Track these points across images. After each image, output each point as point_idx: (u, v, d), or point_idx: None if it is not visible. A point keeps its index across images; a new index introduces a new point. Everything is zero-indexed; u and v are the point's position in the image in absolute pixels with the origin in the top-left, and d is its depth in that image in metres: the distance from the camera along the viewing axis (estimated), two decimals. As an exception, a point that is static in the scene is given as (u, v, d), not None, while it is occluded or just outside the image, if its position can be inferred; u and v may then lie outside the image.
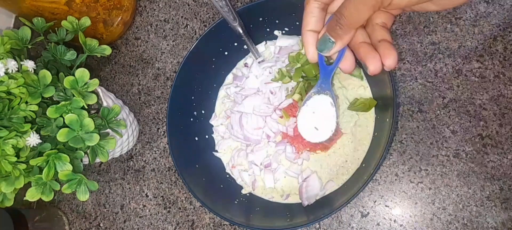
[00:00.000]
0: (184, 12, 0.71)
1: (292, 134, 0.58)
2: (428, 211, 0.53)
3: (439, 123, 0.55)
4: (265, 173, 0.58)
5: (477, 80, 0.55)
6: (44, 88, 0.50)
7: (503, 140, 0.52)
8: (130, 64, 0.72)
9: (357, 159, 0.56)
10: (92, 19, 0.62)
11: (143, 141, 0.68)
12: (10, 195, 0.49)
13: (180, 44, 0.70)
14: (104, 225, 0.66)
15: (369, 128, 0.56)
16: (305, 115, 0.48)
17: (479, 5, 0.57)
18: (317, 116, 0.48)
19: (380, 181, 0.55)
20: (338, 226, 0.56)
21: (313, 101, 0.47)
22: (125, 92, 0.71)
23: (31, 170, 0.49)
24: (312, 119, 0.48)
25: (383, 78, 0.53)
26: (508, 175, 0.51)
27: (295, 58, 0.60)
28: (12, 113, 0.47)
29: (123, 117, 0.60)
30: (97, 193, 0.68)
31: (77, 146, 0.49)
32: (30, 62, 0.50)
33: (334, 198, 0.54)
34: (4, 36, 0.53)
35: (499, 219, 0.51)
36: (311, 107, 0.48)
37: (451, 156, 0.54)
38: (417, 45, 0.58)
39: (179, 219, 0.63)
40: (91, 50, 0.58)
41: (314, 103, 0.47)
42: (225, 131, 0.63)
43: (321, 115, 0.48)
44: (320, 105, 0.47)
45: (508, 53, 0.54)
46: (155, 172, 0.66)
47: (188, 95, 0.62)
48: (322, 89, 0.46)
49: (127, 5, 0.70)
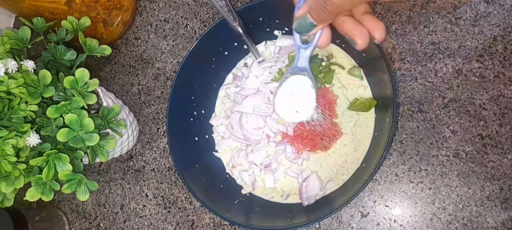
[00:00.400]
0: (184, 12, 0.71)
1: (292, 134, 0.58)
2: (428, 211, 0.53)
3: (439, 123, 0.55)
4: (265, 173, 0.58)
5: (477, 80, 0.55)
6: (44, 88, 0.50)
7: (503, 140, 0.52)
8: (130, 64, 0.72)
9: (357, 159, 0.56)
10: (92, 19, 0.62)
11: (143, 141, 0.68)
12: (10, 195, 0.49)
13: (180, 44, 0.70)
14: (104, 225, 0.66)
15: (369, 128, 0.56)
16: (283, 96, 0.47)
17: (479, 5, 0.57)
18: (295, 97, 0.47)
19: (380, 181, 0.55)
20: (338, 226, 0.56)
21: (290, 82, 0.46)
22: (125, 92, 0.71)
23: (31, 170, 0.49)
24: (290, 100, 0.47)
25: (383, 78, 0.53)
26: (508, 175, 0.51)
27: (295, 58, 0.60)
28: (12, 113, 0.47)
29: (123, 116, 0.60)
30: (97, 193, 0.68)
31: (77, 146, 0.49)
32: (30, 62, 0.50)
33: (334, 198, 0.54)
34: (4, 36, 0.53)
35: (499, 219, 0.51)
36: (288, 88, 0.46)
37: (451, 156, 0.54)
38: (417, 45, 0.58)
39: (179, 219, 0.63)
40: (91, 50, 0.58)
41: (291, 84, 0.46)
42: (225, 131, 0.63)
43: (299, 96, 0.47)
44: (297, 86, 0.46)
45: (508, 53, 0.54)
46: (155, 172, 0.66)
47: (188, 95, 0.62)
48: (299, 70, 0.45)
49: (127, 5, 0.70)
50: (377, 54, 0.52)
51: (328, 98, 0.58)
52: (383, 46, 0.59)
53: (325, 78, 0.58)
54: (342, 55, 0.60)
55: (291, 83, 0.46)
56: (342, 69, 0.59)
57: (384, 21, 0.59)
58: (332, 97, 0.58)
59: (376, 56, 0.53)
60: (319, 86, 0.59)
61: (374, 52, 0.53)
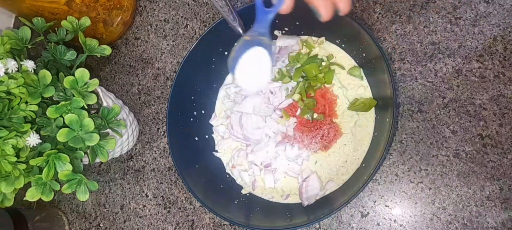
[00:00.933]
0: (184, 12, 0.71)
1: (292, 134, 0.58)
2: (428, 211, 0.53)
3: (439, 123, 0.55)
4: (265, 173, 0.58)
5: (477, 80, 0.55)
6: (44, 88, 0.50)
7: (503, 140, 0.52)
8: (130, 64, 0.72)
9: (357, 159, 0.56)
10: (92, 19, 0.62)
11: (143, 141, 0.68)
12: (10, 195, 0.49)
13: (180, 44, 0.70)
14: (104, 225, 0.66)
15: (369, 128, 0.56)
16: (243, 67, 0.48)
17: (479, 5, 0.57)
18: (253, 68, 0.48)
19: (380, 181, 0.55)
20: (338, 226, 0.56)
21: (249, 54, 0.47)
22: (125, 92, 0.71)
23: (31, 170, 0.49)
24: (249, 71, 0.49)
25: (383, 78, 0.53)
26: (508, 175, 0.51)
27: (295, 58, 0.60)
28: (12, 114, 0.47)
29: (123, 116, 0.60)
30: (97, 193, 0.68)
31: (77, 146, 0.48)
32: (30, 62, 0.50)
33: (334, 198, 0.54)
34: (4, 36, 0.53)
35: (499, 219, 0.51)
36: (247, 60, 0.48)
37: (451, 156, 0.54)
38: (417, 45, 0.58)
39: (179, 219, 0.63)
40: (91, 50, 0.58)
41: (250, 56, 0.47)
42: (225, 131, 0.63)
43: (258, 66, 0.48)
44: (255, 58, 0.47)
45: (508, 53, 0.54)
46: (155, 172, 0.66)
47: (188, 95, 0.62)
48: (258, 34, 0.45)
49: (127, 5, 0.70)
50: (377, 54, 0.52)
51: (328, 98, 0.58)
52: (383, 46, 0.59)
53: (325, 78, 0.58)
54: (342, 55, 0.60)
55: (250, 55, 0.47)
56: (342, 69, 0.59)
57: (384, 21, 0.59)
58: (332, 97, 0.58)
59: (376, 56, 0.53)
60: (319, 86, 0.59)
61: (374, 52, 0.53)
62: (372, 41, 0.52)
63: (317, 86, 0.58)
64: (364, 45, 0.55)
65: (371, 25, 0.60)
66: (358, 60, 0.58)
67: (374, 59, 0.54)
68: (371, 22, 0.60)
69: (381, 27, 0.60)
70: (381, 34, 0.59)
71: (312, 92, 0.58)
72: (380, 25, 0.60)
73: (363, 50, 0.56)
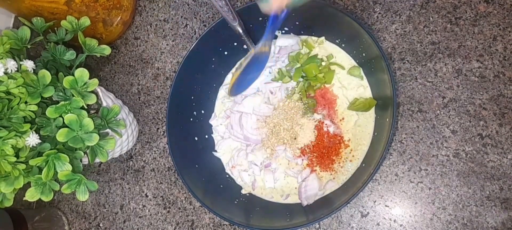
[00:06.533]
0: (184, 12, 0.71)
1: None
2: (428, 211, 0.53)
3: (439, 122, 0.55)
4: (265, 173, 0.58)
5: (477, 80, 0.55)
6: (44, 88, 0.50)
7: (503, 140, 0.52)
8: (130, 64, 0.72)
9: (357, 158, 0.56)
10: (91, 19, 0.62)
11: (142, 141, 0.68)
12: (10, 195, 0.49)
13: (180, 44, 0.70)
14: (104, 225, 0.66)
15: (369, 127, 0.56)
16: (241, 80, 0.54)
17: (479, 5, 0.57)
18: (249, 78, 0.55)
19: (380, 181, 0.55)
20: (338, 226, 0.56)
21: None
22: (125, 92, 0.71)
23: (31, 170, 0.49)
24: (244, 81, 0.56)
25: (383, 78, 0.53)
26: (508, 175, 0.51)
27: (295, 58, 0.60)
28: (11, 114, 0.47)
29: (123, 116, 0.60)
30: (97, 193, 0.68)
31: (77, 146, 0.48)
32: (30, 62, 0.50)
33: (333, 198, 0.54)
34: (4, 36, 0.53)
35: (499, 219, 0.51)
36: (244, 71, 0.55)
37: (451, 156, 0.54)
38: (417, 45, 0.58)
39: (179, 219, 0.63)
40: (91, 50, 0.58)
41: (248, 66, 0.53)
42: (225, 131, 0.63)
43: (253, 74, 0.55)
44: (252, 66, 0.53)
45: (508, 53, 0.54)
46: (155, 172, 0.66)
47: (188, 95, 0.62)
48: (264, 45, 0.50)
49: (126, 4, 0.70)
50: (377, 54, 0.52)
51: (328, 98, 0.58)
52: (383, 46, 0.59)
53: (325, 78, 0.58)
54: (342, 55, 0.60)
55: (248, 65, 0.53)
56: (342, 69, 0.59)
57: (384, 21, 0.59)
58: (332, 97, 0.58)
59: (376, 56, 0.53)
60: (319, 86, 0.59)
61: (374, 52, 0.53)
62: (372, 41, 0.52)
63: (317, 86, 0.58)
64: (364, 45, 0.55)
65: (371, 25, 0.60)
66: (358, 60, 0.58)
67: (374, 59, 0.54)
68: (371, 22, 0.60)
69: (381, 27, 0.59)
70: (381, 34, 0.59)
71: (312, 92, 0.58)
72: (380, 25, 0.60)
73: (363, 50, 0.56)
